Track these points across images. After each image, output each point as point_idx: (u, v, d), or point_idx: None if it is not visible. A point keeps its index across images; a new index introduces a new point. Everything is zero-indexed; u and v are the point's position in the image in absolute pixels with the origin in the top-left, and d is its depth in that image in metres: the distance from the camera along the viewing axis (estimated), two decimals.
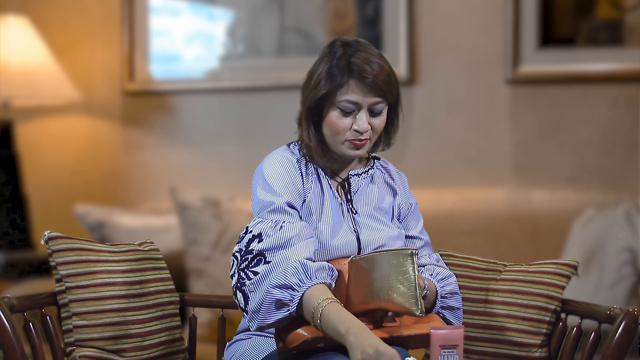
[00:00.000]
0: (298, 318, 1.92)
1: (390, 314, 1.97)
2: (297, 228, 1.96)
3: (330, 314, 1.85)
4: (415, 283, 1.88)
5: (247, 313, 1.94)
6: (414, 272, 1.88)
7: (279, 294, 1.89)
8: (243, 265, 1.95)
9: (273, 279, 1.90)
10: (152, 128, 4.36)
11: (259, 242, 1.95)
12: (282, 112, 4.01)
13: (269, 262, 1.92)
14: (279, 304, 1.90)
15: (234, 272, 1.96)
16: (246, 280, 1.93)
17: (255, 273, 1.92)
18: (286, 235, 1.95)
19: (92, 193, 4.39)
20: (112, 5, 4.38)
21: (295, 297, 1.89)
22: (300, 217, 2.03)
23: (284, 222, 1.97)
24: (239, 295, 1.94)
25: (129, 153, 4.41)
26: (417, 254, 1.90)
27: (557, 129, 3.74)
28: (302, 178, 2.07)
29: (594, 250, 3.42)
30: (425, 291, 2.04)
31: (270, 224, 1.97)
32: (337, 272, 1.96)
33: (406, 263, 1.89)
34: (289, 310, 1.89)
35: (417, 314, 1.88)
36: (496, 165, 3.83)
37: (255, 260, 1.94)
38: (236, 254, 1.97)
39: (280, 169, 2.05)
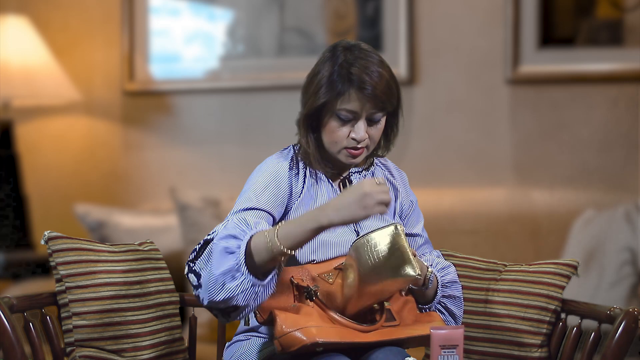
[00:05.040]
0: (296, 319, 1.92)
1: (387, 305, 1.98)
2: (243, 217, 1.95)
3: (286, 225, 1.87)
4: (406, 249, 1.91)
5: (200, 287, 1.90)
6: (402, 241, 1.91)
7: (224, 243, 1.86)
8: (191, 257, 1.93)
9: (217, 236, 1.88)
10: (152, 128, 4.37)
11: (209, 235, 1.94)
12: (282, 112, 4.01)
13: (209, 242, 1.91)
14: (225, 253, 1.86)
15: (186, 265, 1.95)
16: (194, 262, 1.92)
17: (198, 255, 1.92)
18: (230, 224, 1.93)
19: (92, 193, 4.39)
20: (112, 5, 4.38)
21: (240, 245, 1.85)
22: (274, 221, 2.02)
23: (232, 220, 1.95)
24: (191, 277, 1.92)
25: (129, 153, 4.41)
26: (400, 225, 1.93)
27: (557, 129, 3.74)
28: (292, 185, 2.07)
29: (594, 250, 3.42)
30: (430, 279, 2.06)
31: (228, 217, 1.97)
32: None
33: (391, 236, 1.92)
34: (236, 258, 1.84)
35: (414, 274, 1.90)
36: (496, 165, 3.83)
37: (198, 247, 1.93)
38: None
39: (268, 178, 2.05)
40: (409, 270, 1.91)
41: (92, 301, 2.19)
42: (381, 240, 1.92)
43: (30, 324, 2.13)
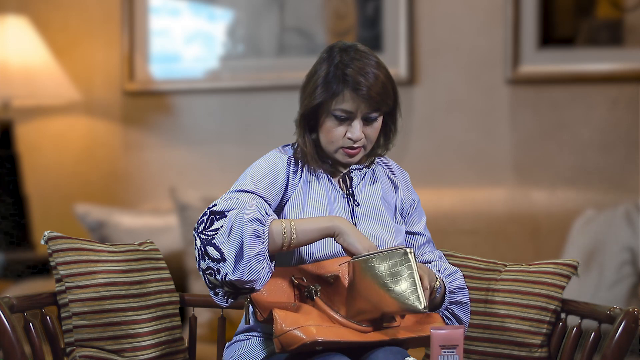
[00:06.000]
0: (295, 319, 1.92)
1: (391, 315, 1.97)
2: (250, 200, 2.00)
3: (303, 221, 1.98)
4: (415, 279, 1.88)
5: (222, 262, 1.93)
6: (412, 269, 1.89)
7: (255, 225, 1.93)
8: (200, 228, 1.97)
9: (243, 217, 1.93)
10: (152, 128, 4.37)
11: (212, 207, 1.99)
12: (282, 112, 4.01)
13: (225, 216, 1.96)
14: (256, 236, 1.93)
15: (195, 237, 1.98)
16: (212, 235, 1.95)
17: (216, 229, 1.95)
18: (239, 201, 1.99)
19: (92, 193, 4.39)
20: (112, 5, 4.38)
21: (265, 229, 1.94)
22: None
23: (237, 198, 2.00)
24: (210, 249, 1.94)
25: (129, 153, 4.41)
26: (413, 251, 1.91)
27: (557, 129, 3.74)
28: (289, 177, 2.09)
29: (594, 250, 3.42)
30: (438, 288, 2.05)
31: (226, 196, 2.02)
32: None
33: (401, 262, 1.89)
34: (262, 242, 1.93)
35: (421, 309, 1.88)
36: (496, 165, 3.83)
37: (210, 220, 1.97)
38: (195, 225, 2.00)
39: (267, 167, 2.09)
40: (415, 303, 1.88)
41: (92, 301, 2.20)
42: (388, 264, 1.90)
43: (30, 324, 2.13)
